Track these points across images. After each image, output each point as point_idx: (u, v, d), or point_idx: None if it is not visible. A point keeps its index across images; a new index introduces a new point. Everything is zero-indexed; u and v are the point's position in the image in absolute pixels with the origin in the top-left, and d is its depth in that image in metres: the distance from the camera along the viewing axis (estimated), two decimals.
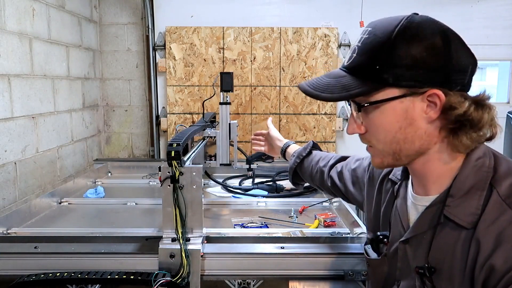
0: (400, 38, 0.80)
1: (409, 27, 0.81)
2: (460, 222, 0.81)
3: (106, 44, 3.16)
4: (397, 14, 0.88)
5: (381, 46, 0.81)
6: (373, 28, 0.85)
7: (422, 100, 0.81)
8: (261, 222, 1.67)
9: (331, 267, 1.32)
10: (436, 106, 0.81)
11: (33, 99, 2.24)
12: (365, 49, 0.84)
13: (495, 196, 0.79)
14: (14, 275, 1.30)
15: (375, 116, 0.84)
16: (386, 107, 0.82)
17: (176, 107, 3.07)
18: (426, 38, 0.80)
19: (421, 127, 0.83)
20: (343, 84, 0.85)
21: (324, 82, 0.88)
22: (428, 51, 0.79)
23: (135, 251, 1.37)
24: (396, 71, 0.80)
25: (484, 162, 0.83)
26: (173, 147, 1.31)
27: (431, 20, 0.84)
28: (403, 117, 0.82)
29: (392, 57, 0.80)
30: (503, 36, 3.06)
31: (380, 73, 0.81)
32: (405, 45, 0.80)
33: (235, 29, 3.02)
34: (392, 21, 0.83)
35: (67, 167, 2.60)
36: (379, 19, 0.87)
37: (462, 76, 0.81)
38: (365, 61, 0.83)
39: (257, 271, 1.34)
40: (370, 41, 0.83)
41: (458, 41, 0.82)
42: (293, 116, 3.10)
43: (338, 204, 1.89)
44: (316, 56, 3.04)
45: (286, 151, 1.69)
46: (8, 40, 2.02)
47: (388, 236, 1.00)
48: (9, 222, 1.60)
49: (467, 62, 0.82)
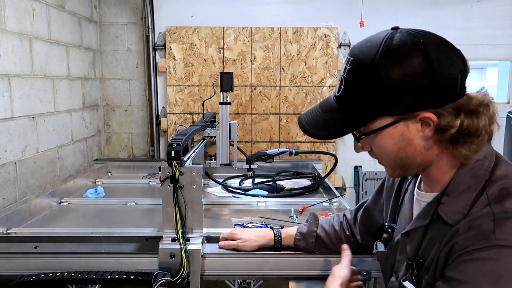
0: (380, 68, 0.81)
1: (387, 53, 0.81)
2: (447, 219, 0.84)
3: (106, 44, 3.16)
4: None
5: (364, 78, 0.83)
6: (354, 58, 0.85)
7: (415, 121, 0.83)
8: (261, 222, 1.67)
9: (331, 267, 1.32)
10: (430, 125, 0.82)
11: (33, 99, 2.24)
12: (350, 82, 0.85)
13: (483, 196, 0.81)
14: (14, 275, 1.30)
15: (374, 141, 0.88)
16: (383, 133, 0.85)
17: (176, 107, 3.07)
18: (406, 61, 0.79)
19: (419, 144, 0.85)
20: (337, 120, 0.89)
21: (320, 118, 0.92)
22: (410, 76, 0.79)
23: (135, 251, 1.37)
24: (383, 101, 0.81)
25: (482, 165, 0.85)
26: (173, 147, 1.31)
27: (410, 36, 0.81)
28: (400, 140, 0.85)
29: (377, 89, 0.81)
30: (503, 36, 3.06)
31: (369, 106, 0.83)
32: (387, 74, 0.80)
33: (235, 29, 3.02)
34: (371, 48, 0.83)
35: (67, 167, 2.60)
36: (359, 44, 0.87)
37: (452, 87, 0.81)
38: (352, 94, 0.85)
39: (257, 271, 1.34)
40: (353, 73, 0.85)
41: (442, 52, 0.81)
42: (293, 116, 3.10)
43: (338, 204, 1.89)
44: (316, 56, 3.04)
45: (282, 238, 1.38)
46: (8, 40, 2.02)
47: (393, 228, 1.03)
48: (9, 222, 1.60)
49: (455, 71, 0.81)
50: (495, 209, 0.78)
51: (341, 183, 3.24)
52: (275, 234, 1.36)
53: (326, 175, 2.25)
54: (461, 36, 2.99)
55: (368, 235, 1.23)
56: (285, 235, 1.36)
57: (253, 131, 3.11)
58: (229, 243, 1.37)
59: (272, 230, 1.38)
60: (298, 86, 3.07)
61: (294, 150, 2.16)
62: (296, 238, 1.33)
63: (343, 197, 1.95)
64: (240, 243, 1.35)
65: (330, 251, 1.31)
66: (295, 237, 1.33)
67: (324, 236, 1.30)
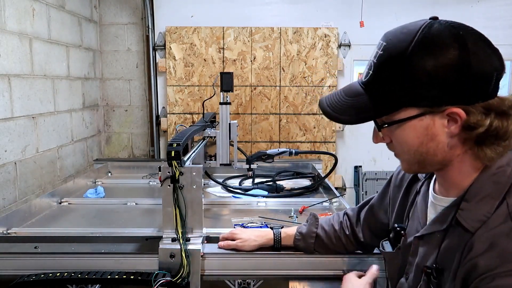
0: (414, 56, 0.77)
1: (423, 42, 0.77)
2: (467, 226, 0.81)
3: (106, 44, 3.16)
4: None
5: (396, 66, 0.79)
6: (387, 43, 0.82)
7: (442, 116, 0.79)
8: (261, 222, 1.67)
9: (331, 267, 1.32)
10: (457, 122, 0.79)
11: (33, 99, 2.24)
12: (380, 68, 0.82)
13: (504, 207, 0.78)
14: (14, 275, 1.30)
15: (396, 132, 0.84)
16: (406, 125, 0.82)
17: (176, 107, 3.07)
18: (442, 52, 0.76)
19: (443, 141, 0.82)
20: (361, 106, 0.85)
21: (343, 103, 0.87)
22: (444, 68, 0.76)
23: (135, 251, 1.37)
24: (412, 91, 0.78)
25: (505, 172, 0.82)
26: (173, 147, 1.31)
27: (449, 27, 0.78)
28: (423, 134, 0.82)
29: (407, 77, 0.78)
30: (503, 36, 3.06)
31: (397, 94, 0.80)
32: (420, 64, 0.77)
33: (235, 29, 3.02)
34: (407, 35, 0.79)
35: (67, 167, 2.60)
36: (394, 30, 0.83)
37: (485, 85, 0.77)
38: (381, 81, 0.82)
39: (257, 271, 1.34)
40: (385, 59, 0.81)
41: (480, 47, 0.77)
42: (293, 116, 3.10)
43: (338, 204, 1.89)
44: (316, 56, 3.04)
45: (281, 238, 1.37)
46: (8, 40, 2.02)
47: (405, 229, 1.00)
48: (9, 222, 1.60)
49: (491, 69, 0.77)
50: None
51: (341, 183, 3.24)
52: (274, 234, 1.35)
53: (326, 175, 2.25)
54: None
55: (371, 234, 1.23)
56: (284, 234, 1.35)
57: (253, 131, 3.11)
58: (229, 243, 1.37)
59: (272, 230, 1.38)
60: (298, 86, 3.07)
61: (294, 150, 2.16)
62: (296, 238, 1.33)
63: (343, 197, 1.95)
64: (239, 243, 1.35)
65: (329, 251, 1.30)
66: (295, 237, 1.33)
67: (323, 236, 1.29)
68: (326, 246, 1.30)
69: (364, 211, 1.26)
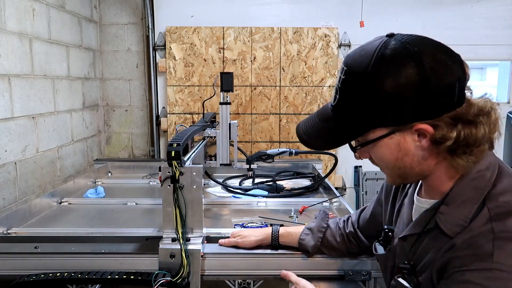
0: (373, 78, 0.79)
1: (381, 63, 0.79)
2: (446, 230, 0.83)
3: (106, 44, 3.16)
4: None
5: (358, 89, 0.81)
6: (348, 68, 0.84)
7: (411, 132, 0.82)
8: (261, 222, 1.67)
9: (331, 267, 1.32)
10: (426, 136, 0.81)
11: (33, 99, 2.24)
12: (345, 92, 0.84)
13: (485, 211, 0.80)
14: (14, 275, 1.30)
15: (372, 150, 0.88)
16: (379, 144, 0.85)
17: (176, 107, 3.07)
18: (400, 72, 0.77)
19: (416, 154, 0.84)
20: (332, 131, 0.89)
21: (316, 128, 0.91)
22: (404, 86, 0.77)
23: (135, 251, 1.37)
24: (378, 112, 0.80)
25: (484, 176, 0.83)
26: (173, 147, 1.31)
27: (403, 44, 0.79)
28: (397, 150, 0.84)
29: (370, 99, 0.80)
30: (503, 36, 3.06)
31: (364, 117, 0.82)
32: (380, 85, 0.78)
33: (235, 29, 3.02)
34: (364, 58, 0.81)
35: (67, 167, 2.60)
36: (353, 53, 0.86)
37: (448, 97, 0.78)
38: (347, 105, 0.85)
39: (257, 271, 1.34)
40: (347, 83, 0.84)
41: (438, 61, 0.77)
42: (293, 116, 3.10)
43: (338, 204, 1.89)
44: (316, 56, 3.04)
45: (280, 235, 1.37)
46: (8, 40, 2.02)
47: (393, 231, 1.03)
48: (9, 222, 1.60)
49: (452, 79, 0.78)
50: (496, 227, 0.77)
51: (341, 183, 3.24)
52: (272, 231, 1.36)
53: (326, 175, 2.25)
54: (461, 36, 3.00)
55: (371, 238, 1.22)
56: (283, 231, 1.35)
57: (253, 131, 3.11)
58: (229, 240, 1.39)
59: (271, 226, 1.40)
60: (298, 86, 3.07)
61: (294, 150, 2.16)
62: (304, 233, 1.31)
63: (343, 197, 1.95)
64: (239, 239, 1.36)
65: (333, 250, 1.29)
66: (302, 232, 1.32)
67: (329, 234, 1.29)
68: (331, 244, 1.29)
69: (364, 213, 1.26)
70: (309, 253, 1.30)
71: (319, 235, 1.29)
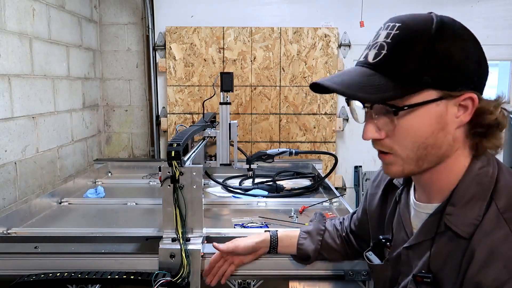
0: (439, 37, 0.77)
1: (444, 28, 0.78)
2: (459, 232, 0.80)
3: (106, 44, 3.16)
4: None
5: (420, 44, 0.77)
6: (403, 24, 0.80)
7: (455, 104, 0.79)
8: (261, 222, 1.67)
9: (331, 267, 1.32)
10: (467, 110, 0.79)
11: (33, 99, 2.24)
12: (399, 47, 0.78)
13: (493, 208, 0.78)
14: (14, 275, 1.30)
15: (407, 120, 0.79)
16: (420, 111, 0.78)
17: (176, 107, 3.07)
18: (464, 40, 0.79)
19: (450, 131, 0.80)
20: (375, 85, 0.78)
21: (356, 81, 0.79)
22: (465, 54, 0.78)
23: (135, 251, 1.37)
24: (435, 72, 0.76)
25: (487, 172, 0.82)
26: (173, 147, 1.31)
27: (458, 22, 0.82)
28: (436, 121, 0.79)
29: (431, 57, 0.76)
30: (503, 36, 3.06)
31: (418, 74, 0.76)
32: (445, 45, 0.77)
33: (235, 29, 3.02)
34: (425, 18, 0.80)
35: (67, 167, 2.60)
36: (405, 15, 0.83)
37: (485, 81, 0.82)
38: (400, 60, 0.77)
39: (257, 271, 1.34)
40: (404, 38, 0.78)
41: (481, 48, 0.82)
42: (293, 116, 3.10)
43: (338, 204, 1.89)
44: (316, 56, 3.04)
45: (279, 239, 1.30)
46: (8, 40, 2.02)
47: (390, 240, 0.99)
48: (9, 222, 1.60)
49: (487, 69, 0.82)
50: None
51: (341, 183, 3.24)
52: (271, 236, 1.29)
53: (326, 175, 2.25)
54: None
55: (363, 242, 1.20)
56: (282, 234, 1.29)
57: (253, 131, 3.11)
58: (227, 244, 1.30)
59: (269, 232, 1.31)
60: (298, 86, 3.07)
61: (294, 150, 2.16)
62: (301, 237, 1.26)
63: (343, 197, 1.95)
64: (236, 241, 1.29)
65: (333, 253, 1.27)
66: (300, 236, 1.27)
67: (328, 236, 1.27)
68: (330, 246, 1.26)
69: (353, 219, 1.25)
70: (309, 258, 1.25)
71: (318, 238, 1.25)
